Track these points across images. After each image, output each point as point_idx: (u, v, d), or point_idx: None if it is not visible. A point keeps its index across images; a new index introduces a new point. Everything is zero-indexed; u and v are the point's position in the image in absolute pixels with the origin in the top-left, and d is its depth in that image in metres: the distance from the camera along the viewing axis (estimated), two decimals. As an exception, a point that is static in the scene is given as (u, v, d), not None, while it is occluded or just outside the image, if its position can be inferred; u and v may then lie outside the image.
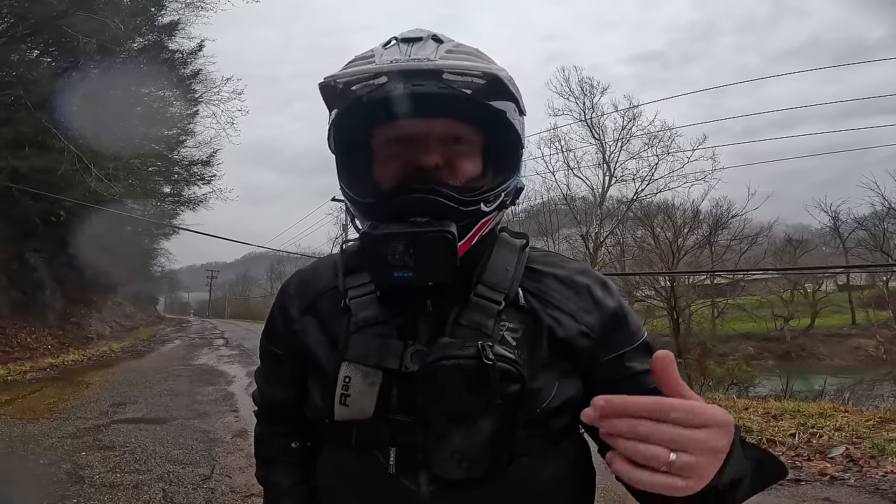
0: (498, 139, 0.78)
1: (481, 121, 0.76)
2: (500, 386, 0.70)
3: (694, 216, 23.61)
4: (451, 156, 0.76)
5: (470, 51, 0.75)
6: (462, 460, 0.72)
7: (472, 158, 0.77)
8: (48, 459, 4.56)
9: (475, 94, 0.71)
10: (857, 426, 4.59)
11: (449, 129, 0.75)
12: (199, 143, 18.06)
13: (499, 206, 0.77)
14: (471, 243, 0.75)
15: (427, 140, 0.75)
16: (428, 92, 0.69)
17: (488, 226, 0.78)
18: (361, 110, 0.74)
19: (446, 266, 0.70)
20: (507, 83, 0.72)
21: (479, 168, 0.78)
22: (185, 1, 14.50)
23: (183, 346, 17.49)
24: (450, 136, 0.76)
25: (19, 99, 11.21)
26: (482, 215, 0.75)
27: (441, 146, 0.75)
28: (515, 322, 0.79)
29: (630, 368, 0.83)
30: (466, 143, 0.77)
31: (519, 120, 0.78)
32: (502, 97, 0.74)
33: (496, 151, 0.78)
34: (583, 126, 23.67)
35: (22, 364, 10.18)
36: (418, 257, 0.70)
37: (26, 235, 13.80)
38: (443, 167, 0.75)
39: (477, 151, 0.78)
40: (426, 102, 0.71)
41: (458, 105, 0.72)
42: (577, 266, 0.87)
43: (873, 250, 23.76)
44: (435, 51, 0.71)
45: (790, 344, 25.49)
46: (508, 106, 0.75)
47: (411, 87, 0.70)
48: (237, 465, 4.46)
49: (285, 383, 0.95)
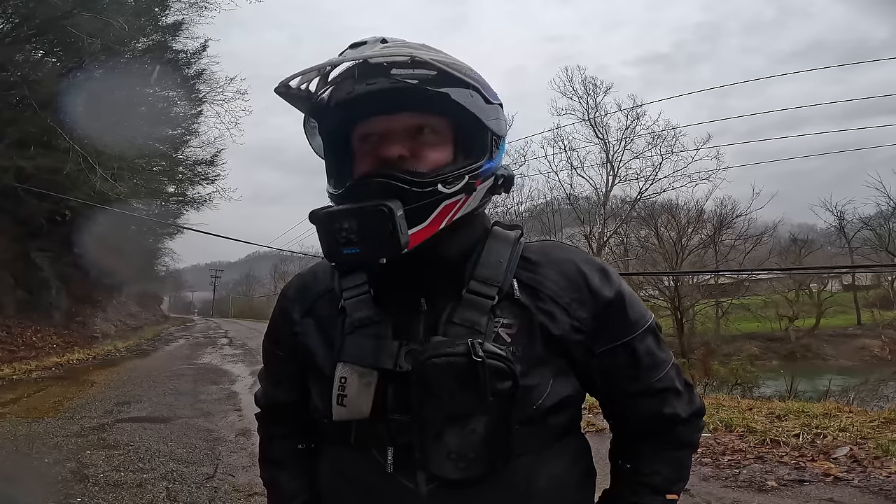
0: (461, 128, 0.79)
1: (440, 111, 0.76)
2: (491, 383, 0.70)
3: (698, 216, 23.61)
4: (415, 147, 0.77)
5: (410, 44, 0.76)
6: (459, 460, 0.73)
7: (437, 147, 0.78)
8: (53, 458, 4.58)
9: (421, 83, 0.72)
10: (862, 427, 4.56)
11: (411, 121, 0.77)
12: (203, 143, 18.16)
13: (465, 188, 0.75)
14: (436, 227, 0.74)
15: (391, 133, 0.77)
16: (381, 89, 0.73)
17: (457, 211, 0.76)
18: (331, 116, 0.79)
19: (389, 241, 0.70)
20: (449, 69, 0.73)
21: (446, 156, 0.78)
22: (188, 1, 14.54)
23: (187, 345, 17.53)
24: (413, 128, 0.77)
25: (24, 99, 11.26)
26: (443, 196, 0.74)
27: (406, 138, 0.77)
28: (510, 317, 0.79)
29: (627, 360, 0.82)
30: (432, 133, 0.78)
31: (483, 106, 0.78)
32: (452, 83, 0.74)
33: (461, 138, 0.79)
34: (586, 125, 23.64)
35: (27, 363, 10.24)
36: (360, 233, 0.71)
37: (32, 235, 13.87)
38: (408, 158, 0.76)
39: (444, 141, 0.79)
40: (383, 100, 0.74)
41: (413, 98, 0.74)
42: (575, 254, 0.86)
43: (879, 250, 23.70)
44: (373, 48, 0.73)
45: (795, 344, 25.37)
46: (461, 92, 0.75)
47: (365, 87, 0.73)
48: (240, 464, 4.47)
49: (287, 385, 0.96)
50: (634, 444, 0.89)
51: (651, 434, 0.87)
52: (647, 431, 0.87)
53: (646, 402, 0.85)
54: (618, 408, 0.90)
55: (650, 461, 0.86)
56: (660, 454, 0.86)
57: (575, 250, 0.87)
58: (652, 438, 0.87)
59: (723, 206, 24.03)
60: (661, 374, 0.84)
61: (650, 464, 0.86)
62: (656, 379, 0.84)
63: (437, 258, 0.79)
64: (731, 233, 24.42)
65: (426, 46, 0.77)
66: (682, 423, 0.86)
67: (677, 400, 0.85)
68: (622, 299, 0.82)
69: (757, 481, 3.74)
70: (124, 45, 12.41)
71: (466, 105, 0.76)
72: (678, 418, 0.85)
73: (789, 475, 3.80)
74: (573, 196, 23.84)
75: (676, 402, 0.85)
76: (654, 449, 0.87)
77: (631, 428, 0.90)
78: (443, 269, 0.80)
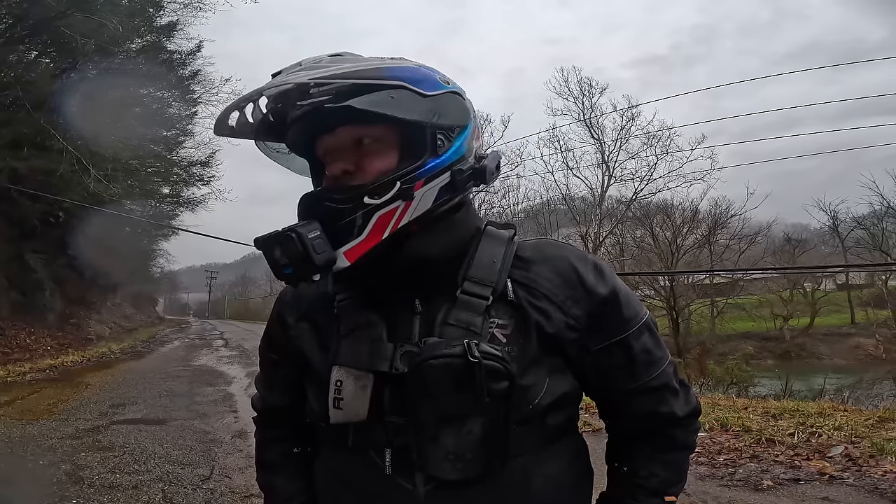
0: (403, 131, 0.78)
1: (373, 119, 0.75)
2: (487, 384, 0.70)
3: (693, 216, 23.65)
4: (360, 159, 0.78)
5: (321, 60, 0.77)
6: (456, 460, 0.73)
7: (380, 155, 0.78)
8: (48, 460, 4.55)
9: (334, 98, 0.72)
10: (857, 425, 4.58)
11: (349, 135, 0.78)
12: (198, 144, 18.03)
13: (399, 194, 0.74)
14: (376, 239, 0.74)
15: (335, 150, 0.79)
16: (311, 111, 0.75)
17: (401, 217, 0.75)
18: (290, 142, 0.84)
19: (306, 263, 0.72)
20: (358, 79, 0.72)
21: (391, 162, 0.77)
22: (183, 2, 14.48)
23: (182, 346, 17.45)
24: (353, 140, 0.78)
25: (18, 100, 11.19)
26: (374, 207, 0.73)
27: (349, 151, 0.78)
28: (505, 317, 0.79)
29: (622, 357, 0.82)
30: (376, 142, 0.78)
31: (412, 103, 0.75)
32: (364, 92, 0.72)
33: (404, 142, 0.78)
34: (582, 126, 23.71)
35: (21, 365, 10.17)
36: (288, 256, 0.73)
37: (25, 236, 13.79)
38: (354, 171, 0.77)
39: (388, 147, 0.78)
40: (319, 119, 0.76)
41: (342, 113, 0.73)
42: (570, 251, 0.86)
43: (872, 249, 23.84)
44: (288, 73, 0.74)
45: (789, 343, 25.49)
46: (379, 97, 0.73)
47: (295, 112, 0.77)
48: (237, 465, 4.46)
49: (282, 388, 0.96)
50: (630, 446, 0.88)
51: (647, 434, 0.86)
52: (644, 431, 0.87)
53: (642, 400, 0.84)
54: (613, 406, 0.89)
55: (647, 464, 0.86)
56: (656, 456, 0.86)
57: (569, 247, 0.87)
58: (648, 440, 0.86)
59: (717, 206, 24.14)
60: (657, 372, 0.83)
61: (647, 466, 0.86)
62: (652, 376, 0.83)
63: (419, 260, 0.78)
64: (725, 233, 24.51)
65: (340, 58, 0.77)
66: (679, 424, 0.86)
67: (674, 398, 0.85)
68: (617, 296, 0.82)
69: (753, 480, 3.75)
70: (118, 45, 12.38)
71: (379, 110, 0.73)
72: (674, 417, 0.85)
73: (785, 474, 3.82)
74: (569, 196, 23.92)
75: (673, 401, 0.85)
76: (650, 451, 0.86)
77: (627, 427, 0.90)
78: (434, 270, 0.80)
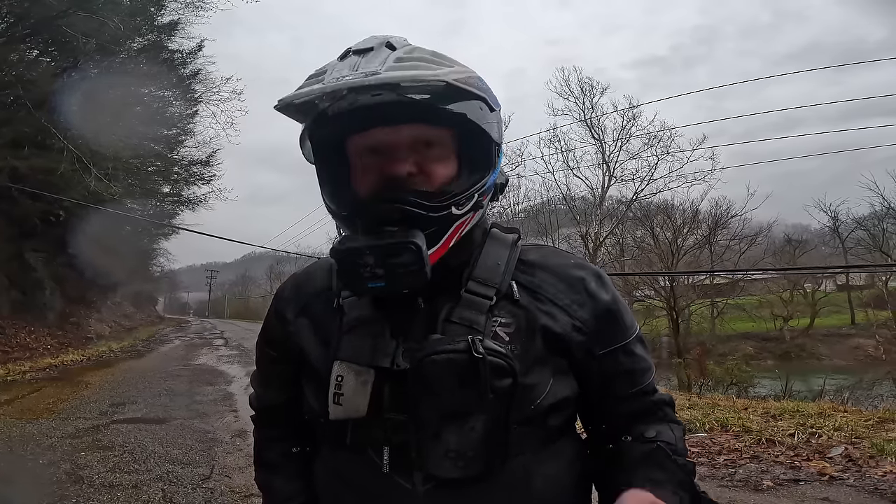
0: (466, 140, 0.78)
1: (448, 123, 0.75)
2: (491, 380, 0.70)
3: (693, 216, 23.58)
4: (423, 161, 0.75)
5: (422, 56, 0.72)
6: (458, 458, 0.72)
7: (444, 162, 0.77)
8: (47, 459, 4.55)
9: (433, 98, 0.70)
10: (857, 426, 4.58)
11: (417, 134, 0.75)
12: (199, 143, 18.10)
13: (473, 206, 0.76)
14: (447, 247, 0.75)
15: (397, 148, 0.75)
16: (387, 101, 0.69)
17: (465, 227, 0.77)
18: (328, 125, 0.75)
19: (415, 275, 0.70)
20: (462, 85, 0.70)
21: (452, 170, 0.77)
22: (184, 1, 14.49)
23: (182, 346, 17.47)
24: (420, 142, 0.75)
25: (19, 99, 11.21)
26: (454, 219, 0.74)
27: (412, 153, 0.75)
28: (508, 317, 0.79)
29: (625, 363, 0.83)
30: (439, 147, 0.76)
31: (489, 117, 0.77)
32: (464, 98, 0.72)
33: (467, 152, 0.78)
34: (582, 126, 23.66)
35: (21, 364, 10.18)
36: (387, 269, 0.70)
37: (26, 235, 13.80)
38: (416, 174, 0.75)
39: (450, 153, 0.78)
40: (388, 111, 0.71)
41: (421, 111, 0.72)
42: (572, 259, 0.87)
43: (872, 250, 23.76)
44: (383, 62, 0.69)
45: (789, 344, 25.49)
46: (472, 105, 0.74)
47: (369, 98, 0.70)
48: (236, 465, 4.46)
49: (278, 385, 0.96)
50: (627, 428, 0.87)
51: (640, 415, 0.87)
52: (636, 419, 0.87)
53: (638, 401, 0.86)
54: (607, 408, 0.88)
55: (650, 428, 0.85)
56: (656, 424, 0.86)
57: (571, 256, 0.89)
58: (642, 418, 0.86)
59: (718, 207, 24.05)
60: (651, 378, 0.87)
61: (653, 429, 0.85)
62: (647, 382, 0.87)
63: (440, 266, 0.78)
64: (726, 233, 24.46)
65: (436, 55, 0.74)
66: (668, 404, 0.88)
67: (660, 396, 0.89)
68: (618, 304, 0.84)
69: (753, 481, 3.75)
70: (119, 44, 12.39)
71: (477, 120, 0.74)
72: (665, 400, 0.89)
73: (785, 475, 3.81)
74: (569, 196, 23.87)
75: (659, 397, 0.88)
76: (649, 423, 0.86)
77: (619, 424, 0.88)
78: (442, 271, 0.80)
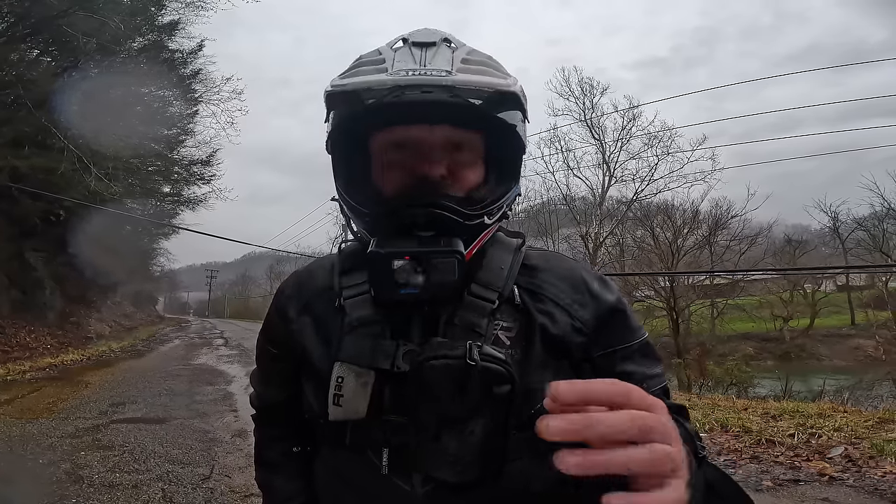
0: (503, 149, 0.77)
1: (486, 129, 0.74)
2: (489, 387, 0.69)
3: (693, 216, 23.59)
4: (453, 165, 0.75)
5: (482, 59, 0.73)
6: (456, 463, 0.72)
7: (473, 167, 0.77)
8: (47, 459, 4.55)
9: (485, 104, 0.70)
10: (857, 426, 4.58)
11: (451, 136, 0.74)
12: (199, 143, 18.06)
13: (502, 216, 0.77)
14: (470, 256, 0.75)
15: (430, 148, 0.74)
16: (437, 100, 0.68)
17: (489, 234, 0.78)
18: (365, 114, 0.72)
19: (452, 284, 0.70)
20: (519, 96, 0.71)
21: (480, 176, 0.77)
22: (185, 1, 14.49)
23: (182, 345, 17.46)
24: (451, 144, 0.75)
25: (19, 98, 11.19)
26: (484, 228, 0.75)
27: (444, 154, 0.74)
28: (510, 321, 0.78)
29: (627, 367, 0.80)
30: (468, 151, 0.76)
31: (525, 128, 0.77)
32: (512, 107, 0.73)
33: (500, 160, 0.78)
34: (583, 126, 23.70)
35: (21, 364, 10.17)
36: (426, 276, 0.69)
37: (26, 235, 13.79)
38: (447, 177, 0.74)
39: (479, 159, 0.77)
40: (433, 109, 0.70)
41: (463, 113, 0.71)
42: (575, 263, 0.87)
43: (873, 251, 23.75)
44: (450, 61, 0.69)
45: (789, 344, 25.48)
46: (516, 116, 0.74)
47: (419, 94, 0.68)
48: (236, 464, 4.46)
49: (278, 382, 0.95)
50: None
51: None
52: None
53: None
54: None
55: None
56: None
57: (575, 260, 0.88)
58: None
59: (718, 207, 24.06)
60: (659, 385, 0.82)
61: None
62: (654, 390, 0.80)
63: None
64: (726, 233, 24.46)
65: (491, 58, 0.74)
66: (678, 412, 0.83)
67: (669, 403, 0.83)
68: (624, 306, 0.82)
69: (753, 481, 3.75)
70: (120, 44, 12.37)
71: (520, 132, 0.74)
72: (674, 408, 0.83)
73: (785, 475, 3.82)
74: (570, 196, 23.91)
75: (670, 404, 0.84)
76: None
77: None
78: None
